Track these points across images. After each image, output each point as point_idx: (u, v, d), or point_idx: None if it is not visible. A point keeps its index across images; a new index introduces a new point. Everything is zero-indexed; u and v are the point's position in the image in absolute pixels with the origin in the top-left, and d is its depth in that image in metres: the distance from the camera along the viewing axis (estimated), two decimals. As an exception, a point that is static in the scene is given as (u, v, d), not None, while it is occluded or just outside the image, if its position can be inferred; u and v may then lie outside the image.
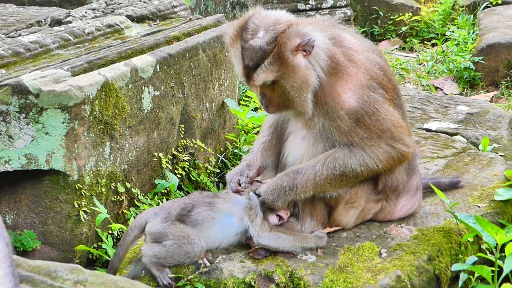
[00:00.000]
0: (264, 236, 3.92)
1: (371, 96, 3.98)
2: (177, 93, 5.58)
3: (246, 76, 3.91)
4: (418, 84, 9.64)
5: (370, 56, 4.11)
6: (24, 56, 5.04)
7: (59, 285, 2.50)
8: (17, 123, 4.46)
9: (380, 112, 3.98)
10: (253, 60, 3.82)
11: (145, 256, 3.86)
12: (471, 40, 10.38)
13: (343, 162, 3.97)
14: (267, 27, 3.82)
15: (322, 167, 3.98)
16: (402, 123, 4.11)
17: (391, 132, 4.02)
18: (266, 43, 3.79)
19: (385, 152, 4.02)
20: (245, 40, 3.84)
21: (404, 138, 4.08)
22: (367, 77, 4.01)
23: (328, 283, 3.79)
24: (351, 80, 3.97)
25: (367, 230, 4.29)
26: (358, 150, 3.99)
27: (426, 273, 3.95)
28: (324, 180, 3.98)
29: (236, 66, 3.98)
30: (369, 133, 3.97)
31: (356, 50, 4.04)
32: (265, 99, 3.99)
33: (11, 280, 2.44)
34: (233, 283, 3.84)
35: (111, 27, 5.87)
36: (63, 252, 4.79)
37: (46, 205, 4.72)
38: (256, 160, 4.29)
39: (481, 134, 5.73)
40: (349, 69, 3.97)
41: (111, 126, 4.86)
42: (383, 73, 4.10)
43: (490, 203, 4.62)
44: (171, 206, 3.96)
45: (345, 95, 3.94)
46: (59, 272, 2.59)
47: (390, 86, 4.12)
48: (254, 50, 3.81)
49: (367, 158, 3.99)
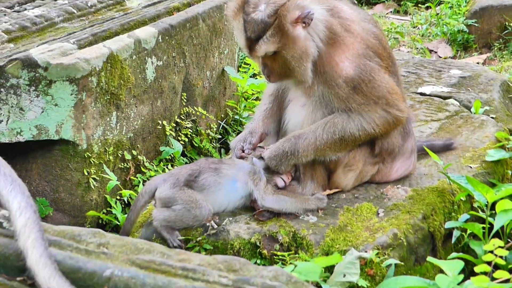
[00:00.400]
0: (267, 199, 4.11)
1: (367, 65, 4.14)
2: (179, 62, 5.74)
3: (248, 48, 4.06)
4: (413, 48, 9.76)
5: (366, 26, 4.26)
6: (30, 30, 5.19)
7: (84, 247, 2.71)
8: (28, 95, 4.61)
9: (376, 79, 4.15)
10: (255, 32, 3.96)
11: (155, 220, 4.04)
12: (464, 2, 10.50)
13: (342, 127, 4.14)
14: (268, 1, 3.96)
15: (322, 132, 4.15)
16: (397, 89, 4.27)
17: (386, 98, 4.18)
18: (267, 16, 3.93)
19: (381, 117, 4.18)
20: (247, 13, 3.98)
21: (399, 104, 4.24)
22: (363, 46, 4.16)
23: (329, 242, 3.96)
24: (348, 50, 4.12)
25: (365, 192, 4.44)
26: (356, 115, 4.15)
27: (421, 231, 4.11)
28: (324, 144, 4.15)
29: (238, 38, 4.12)
30: (366, 99, 4.13)
31: (352, 21, 4.19)
32: (267, 69, 4.14)
33: (41, 244, 2.65)
34: (239, 243, 4.01)
35: (112, -1, 6.02)
36: (74, 218, 4.96)
37: (57, 173, 4.88)
38: (258, 127, 4.46)
39: (473, 97, 5.86)
40: (346, 39, 4.12)
41: (117, 97, 5.03)
42: (378, 42, 4.26)
43: (481, 163, 4.77)
44: (179, 172, 4.14)
45: (343, 64, 4.10)
46: (82, 236, 2.79)
47: (385, 54, 4.29)
48: (256, 22, 3.95)
49: (364, 122, 4.16)
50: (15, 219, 2.78)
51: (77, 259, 2.65)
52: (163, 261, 2.62)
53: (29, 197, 2.87)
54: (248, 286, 2.50)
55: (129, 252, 2.71)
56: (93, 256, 2.69)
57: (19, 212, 2.78)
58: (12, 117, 4.62)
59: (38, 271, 2.59)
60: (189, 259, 2.66)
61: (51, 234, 2.82)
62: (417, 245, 4.07)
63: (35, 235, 2.67)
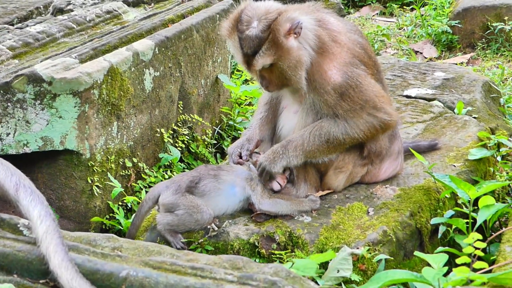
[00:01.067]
0: (264, 202, 4.35)
1: (354, 72, 4.34)
2: (175, 72, 5.96)
3: (246, 63, 4.26)
4: (399, 49, 9.98)
5: (352, 36, 4.47)
6: (33, 46, 5.41)
7: (100, 251, 2.96)
8: (33, 109, 4.79)
9: (363, 84, 4.35)
10: (251, 48, 4.17)
11: (159, 224, 4.26)
12: (447, 4, 10.70)
13: (327, 130, 4.34)
14: (260, 17, 4.17)
15: (309, 134, 4.35)
16: (384, 93, 4.47)
17: (374, 101, 4.37)
18: (261, 31, 4.14)
19: (367, 122, 4.37)
20: (241, 31, 4.19)
21: (386, 107, 4.43)
22: (350, 55, 4.36)
23: (323, 240, 4.14)
24: (335, 59, 4.32)
25: (355, 192, 4.62)
26: (341, 121, 4.34)
27: (409, 227, 4.29)
28: (312, 145, 4.36)
29: (235, 55, 4.31)
30: (352, 105, 4.32)
31: (339, 32, 4.40)
32: (265, 81, 4.35)
33: (62, 249, 2.89)
34: (239, 244, 4.21)
35: (109, 13, 6.22)
36: (79, 224, 5.14)
37: (62, 182, 5.05)
38: (255, 134, 4.65)
39: (456, 98, 6.05)
40: (334, 49, 4.33)
41: (118, 107, 5.24)
42: (364, 51, 4.47)
43: (464, 162, 4.95)
44: (181, 179, 4.36)
45: (331, 72, 4.30)
46: (98, 241, 3.04)
47: (370, 62, 4.50)
48: (251, 39, 4.16)
49: (348, 128, 4.35)
50: (36, 227, 3.02)
51: (95, 261, 2.89)
52: (174, 262, 2.86)
53: (47, 207, 3.11)
54: (251, 281, 2.74)
55: (141, 254, 2.96)
56: (109, 259, 2.93)
57: (39, 220, 3.02)
58: (19, 129, 4.81)
59: (61, 274, 2.83)
60: (197, 259, 2.90)
61: (68, 239, 3.07)
62: (405, 241, 4.25)
63: (56, 241, 2.91)
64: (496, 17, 9.48)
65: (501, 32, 9.42)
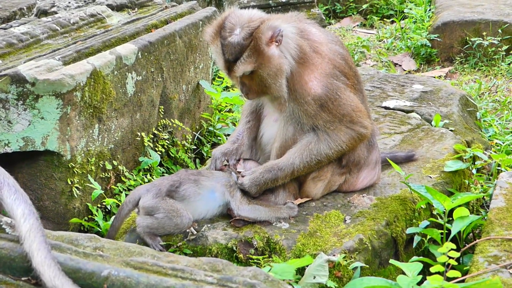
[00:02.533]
0: (243, 208, 4.40)
1: (334, 84, 4.41)
2: (157, 77, 6.01)
3: (227, 69, 4.32)
4: (378, 61, 10.09)
5: (333, 47, 4.54)
6: (17, 47, 5.43)
7: (82, 250, 3.00)
8: (16, 109, 4.80)
9: (342, 98, 4.42)
10: (233, 55, 4.23)
11: (139, 226, 4.30)
12: (427, 18, 10.84)
13: (317, 151, 4.42)
14: (242, 25, 4.24)
15: (300, 162, 4.43)
16: (361, 107, 4.53)
17: (351, 116, 4.45)
18: (243, 39, 4.20)
19: (346, 134, 4.45)
20: (224, 38, 4.26)
21: (362, 121, 4.50)
22: (330, 66, 4.43)
23: (300, 247, 4.19)
24: (316, 70, 4.39)
25: (333, 200, 4.68)
26: (323, 134, 4.41)
27: (384, 236, 4.36)
28: (301, 171, 4.47)
29: (217, 60, 4.37)
30: (332, 116, 4.40)
31: (320, 43, 4.47)
32: (245, 88, 4.41)
33: (45, 247, 2.93)
34: (217, 248, 4.25)
35: (93, 17, 6.26)
36: (58, 224, 5.15)
37: (42, 182, 5.07)
38: (243, 144, 4.72)
39: (434, 111, 6.14)
40: (315, 59, 4.40)
41: (99, 110, 5.27)
42: (344, 62, 4.54)
43: (440, 173, 5.03)
44: (161, 183, 4.40)
45: (311, 83, 4.37)
46: (80, 240, 3.08)
47: (351, 73, 4.57)
48: (232, 45, 4.22)
49: (331, 141, 4.42)
50: (19, 225, 3.06)
51: (77, 260, 2.93)
52: (155, 262, 2.91)
53: (31, 205, 3.15)
54: (231, 283, 2.80)
55: (123, 255, 3.01)
56: (91, 258, 2.97)
57: (23, 219, 3.06)
58: (1, 129, 4.81)
59: (44, 271, 2.87)
60: (177, 261, 2.96)
61: (51, 238, 3.10)
62: (381, 249, 4.32)
63: (39, 240, 2.95)
64: (474, 32, 9.61)
65: (479, 47, 9.55)
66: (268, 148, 4.71)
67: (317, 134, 4.44)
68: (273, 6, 9.68)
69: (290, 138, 4.49)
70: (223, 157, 4.66)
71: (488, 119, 7.12)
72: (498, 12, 9.96)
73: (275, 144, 4.58)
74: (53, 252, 2.96)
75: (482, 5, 10.31)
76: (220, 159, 4.65)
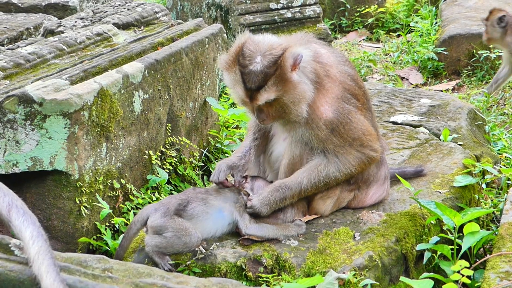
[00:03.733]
0: (251, 227, 4.39)
1: (345, 108, 4.42)
2: (164, 95, 6.01)
3: (249, 98, 4.26)
4: (385, 75, 10.09)
5: (343, 68, 4.53)
6: (24, 67, 5.44)
7: (91, 272, 2.99)
8: (23, 129, 4.81)
9: (353, 122, 4.43)
10: (255, 83, 4.18)
11: (147, 246, 4.29)
12: (433, 31, 10.84)
13: (325, 173, 4.42)
14: (263, 52, 4.20)
15: (308, 182, 4.44)
16: (371, 131, 4.54)
17: (361, 140, 4.46)
18: (266, 67, 4.16)
19: (356, 157, 4.46)
20: (244, 66, 4.21)
21: (372, 145, 4.52)
22: (341, 89, 4.43)
23: (309, 264, 4.18)
24: (328, 94, 4.39)
25: (342, 217, 4.66)
26: (332, 157, 4.42)
27: (394, 252, 4.34)
28: (309, 191, 4.48)
29: (236, 89, 4.32)
30: (342, 141, 4.41)
31: (331, 65, 4.45)
32: (262, 114, 4.36)
33: (54, 270, 2.92)
34: (226, 267, 4.24)
35: (100, 35, 6.27)
36: (67, 244, 5.13)
37: (50, 202, 5.06)
38: (250, 161, 4.70)
39: (442, 125, 6.12)
40: (327, 84, 4.39)
41: (107, 129, 5.27)
42: (354, 83, 4.54)
43: (450, 189, 5.01)
44: (169, 202, 4.40)
45: (323, 108, 4.37)
46: (88, 262, 3.08)
47: (360, 93, 4.57)
48: (255, 74, 4.17)
49: (341, 164, 4.44)
50: (28, 247, 3.05)
51: (86, 282, 2.93)
52: (164, 284, 2.90)
53: (39, 227, 3.15)
54: (241, 305, 2.79)
55: (131, 276, 3.00)
56: (100, 280, 2.96)
57: (31, 241, 3.05)
58: (9, 149, 4.82)
59: (52, 294, 2.87)
60: (187, 282, 2.94)
61: (59, 260, 3.10)
62: (391, 266, 4.30)
63: (47, 262, 2.95)
64: (481, 44, 9.60)
65: (486, 60, 9.55)
66: (276, 165, 4.70)
67: (327, 156, 4.45)
68: (278, 22, 9.66)
69: (297, 155, 4.49)
70: (228, 170, 4.60)
71: (496, 133, 7.10)
72: (504, 24, 9.93)
73: (283, 161, 4.58)
74: (62, 274, 2.95)
75: (489, 18, 10.28)
76: (225, 171, 4.57)
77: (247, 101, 4.31)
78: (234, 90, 4.36)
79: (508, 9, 9.05)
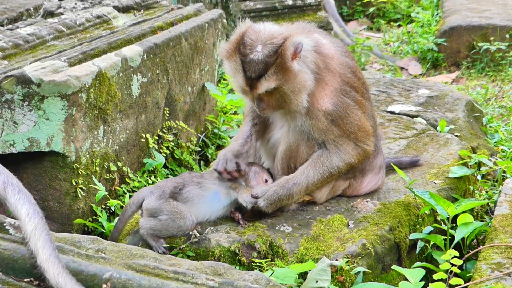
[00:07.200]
0: (252, 193, 4.40)
1: (344, 101, 4.43)
2: (162, 79, 6.01)
3: (249, 86, 4.25)
4: (385, 65, 10.09)
5: (343, 60, 4.54)
6: (23, 48, 5.44)
7: (84, 252, 3.01)
8: (21, 110, 4.82)
9: (350, 116, 4.45)
10: (256, 72, 4.18)
11: (142, 228, 4.31)
12: (434, 22, 10.82)
13: (329, 163, 4.44)
14: (264, 41, 4.19)
15: (314, 175, 4.45)
16: (366, 127, 4.56)
17: (356, 134, 4.48)
18: (267, 56, 4.16)
19: (354, 148, 4.49)
20: (244, 55, 4.20)
21: (366, 141, 4.55)
22: (340, 82, 4.44)
23: (303, 251, 4.20)
24: (327, 87, 4.40)
25: (336, 204, 4.69)
26: (333, 148, 4.45)
27: (387, 241, 4.36)
28: (316, 185, 4.48)
29: (236, 77, 4.31)
30: (342, 131, 4.43)
31: (332, 57, 4.46)
32: (262, 103, 4.36)
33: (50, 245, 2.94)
34: (220, 251, 4.26)
35: (99, 18, 6.26)
36: (62, 225, 5.15)
37: (46, 183, 5.08)
38: (252, 146, 4.70)
39: (440, 116, 6.14)
40: (327, 77, 4.40)
41: (104, 111, 5.28)
42: (354, 75, 4.55)
43: (445, 179, 5.03)
44: (165, 185, 4.41)
45: (323, 100, 4.38)
46: (82, 242, 3.09)
47: (359, 84, 4.58)
48: (256, 62, 4.17)
49: (342, 154, 4.46)
50: (24, 224, 3.07)
51: (79, 262, 2.95)
52: (156, 265, 2.92)
53: (35, 205, 3.17)
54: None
55: (125, 257, 3.01)
56: (93, 260, 2.99)
57: (28, 218, 3.08)
58: (6, 130, 4.83)
59: (48, 268, 2.89)
60: (179, 264, 2.96)
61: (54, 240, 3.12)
62: (384, 254, 4.32)
63: (44, 238, 2.97)
64: (482, 37, 9.60)
65: (486, 52, 9.54)
66: (273, 152, 4.71)
67: (327, 147, 4.47)
68: (279, 9, 9.65)
69: (294, 142, 4.50)
70: (234, 158, 4.54)
71: (494, 125, 7.11)
72: (506, 17, 9.94)
73: (280, 148, 4.59)
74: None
75: (490, 10, 10.29)
76: (232, 160, 4.51)
77: (247, 89, 4.31)
78: (235, 79, 4.35)
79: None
